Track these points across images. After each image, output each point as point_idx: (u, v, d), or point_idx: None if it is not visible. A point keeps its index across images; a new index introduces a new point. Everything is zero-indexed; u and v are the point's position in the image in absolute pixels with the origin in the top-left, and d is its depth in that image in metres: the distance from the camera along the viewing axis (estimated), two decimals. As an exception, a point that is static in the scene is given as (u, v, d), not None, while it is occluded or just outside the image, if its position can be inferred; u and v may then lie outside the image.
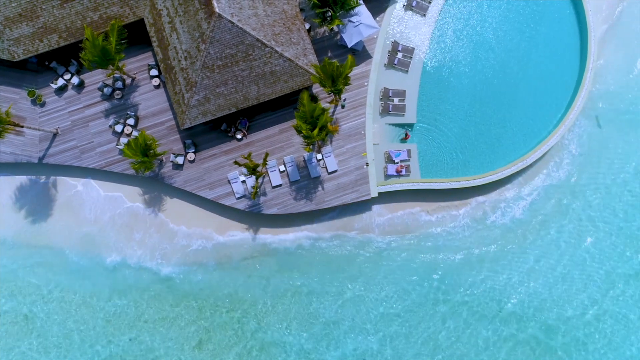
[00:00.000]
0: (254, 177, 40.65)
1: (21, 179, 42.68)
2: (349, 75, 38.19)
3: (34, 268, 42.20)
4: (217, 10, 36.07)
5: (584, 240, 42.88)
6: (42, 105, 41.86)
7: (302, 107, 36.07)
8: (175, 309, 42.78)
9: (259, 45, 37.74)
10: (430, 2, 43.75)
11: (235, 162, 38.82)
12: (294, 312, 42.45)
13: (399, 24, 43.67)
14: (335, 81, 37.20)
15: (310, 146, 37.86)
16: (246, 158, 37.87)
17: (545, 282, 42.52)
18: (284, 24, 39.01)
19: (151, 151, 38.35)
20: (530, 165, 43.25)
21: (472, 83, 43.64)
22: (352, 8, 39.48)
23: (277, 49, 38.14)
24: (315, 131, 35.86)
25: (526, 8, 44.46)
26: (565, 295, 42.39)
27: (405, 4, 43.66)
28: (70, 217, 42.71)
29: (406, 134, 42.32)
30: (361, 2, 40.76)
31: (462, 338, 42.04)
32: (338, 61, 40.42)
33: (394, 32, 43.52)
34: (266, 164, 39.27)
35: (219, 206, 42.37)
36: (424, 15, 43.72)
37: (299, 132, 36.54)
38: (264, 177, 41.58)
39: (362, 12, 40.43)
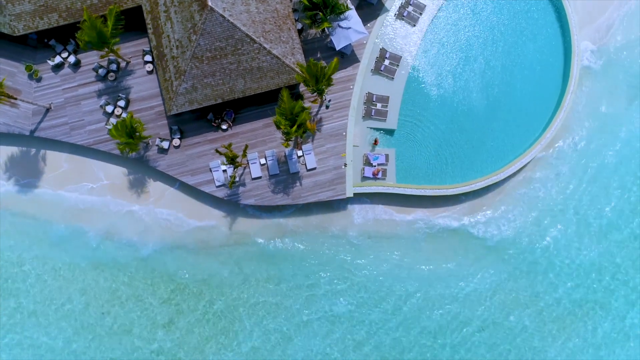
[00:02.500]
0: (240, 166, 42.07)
1: (12, 149, 44.23)
2: (332, 77, 39.56)
3: (16, 236, 43.63)
4: (209, 3, 37.53)
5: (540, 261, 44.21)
6: (38, 80, 43.42)
7: (282, 103, 37.44)
8: (149, 287, 44.17)
9: (248, 40, 39.16)
10: (421, 14, 44.98)
11: (216, 151, 40.23)
12: (262, 301, 43.79)
13: (389, 31, 44.95)
14: (319, 81, 38.56)
15: (289, 142, 39.19)
16: (226, 148, 39.25)
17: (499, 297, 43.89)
18: (275, 22, 40.39)
19: (137, 134, 39.82)
20: (504, 180, 44.35)
21: (455, 96, 44.87)
22: (342, 12, 40.80)
23: (265, 45, 39.54)
24: (294, 128, 37.22)
25: (515, 28, 45.58)
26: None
27: (397, 13, 44.92)
28: (56, 191, 44.15)
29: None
30: (352, 7, 42.07)
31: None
32: (325, 63, 41.78)
33: (383, 39, 44.81)
34: (246, 155, 40.68)
35: (200, 193, 43.77)
36: (414, 25, 44.97)
37: (278, 127, 37.93)
38: (244, 168, 42.99)
39: (352, 17, 41.74)
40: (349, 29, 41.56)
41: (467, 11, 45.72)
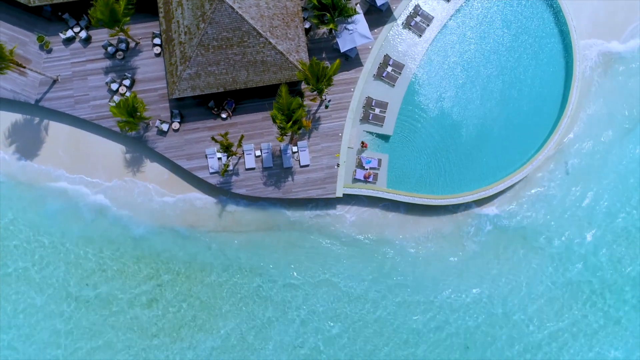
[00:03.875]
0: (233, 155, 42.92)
1: (16, 117, 45.28)
2: (333, 77, 40.34)
3: (9, 201, 44.68)
4: (220, -6, 38.45)
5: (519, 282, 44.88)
6: (49, 51, 44.46)
7: (280, 98, 38.26)
8: (135, 265, 45.09)
9: (255, 34, 40.03)
10: (428, 25, 45.65)
11: (212, 138, 41.10)
12: (242, 288, 44.66)
13: (394, 39, 45.64)
14: (319, 81, 39.35)
15: (284, 137, 40.02)
16: (222, 136, 40.11)
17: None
18: (283, 19, 41.23)
19: (137, 113, 40.76)
20: (493, 196, 44.97)
21: (453, 109, 45.53)
22: (350, 15, 41.56)
23: (271, 40, 40.39)
24: (289, 123, 38.04)
25: (520, 47, 46.16)
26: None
27: (404, 22, 45.61)
28: (55, 162, 45.17)
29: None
30: (360, 11, 42.84)
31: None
32: (328, 63, 42.56)
33: (388, 46, 45.50)
34: (241, 145, 41.54)
35: (194, 178, 44.65)
36: (420, 36, 45.65)
37: (274, 121, 38.73)
38: (239, 158, 43.84)
39: (360, 21, 42.50)
40: (355, 32, 42.34)
41: (474, 26, 46.36)
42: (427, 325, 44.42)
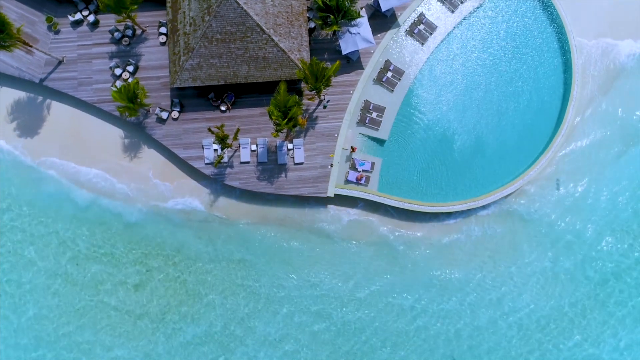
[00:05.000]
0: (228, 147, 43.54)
1: (20, 94, 46.06)
2: (332, 78, 40.91)
3: (7, 177, 45.45)
4: (226, -12, 39.08)
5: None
6: (56, 32, 45.22)
7: (278, 95, 38.87)
8: (126, 247, 45.66)
9: (258, 30, 40.65)
10: (431, 34, 46.16)
11: (209, 130, 41.73)
12: (228, 280, 45.28)
13: (397, 45, 46.17)
14: (318, 80, 39.94)
15: (279, 133, 40.61)
16: (218, 128, 40.74)
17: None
18: (287, 17, 41.83)
19: (138, 100, 41.46)
20: (481, 207, 45.44)
21: (449, 119, 46.03)
22: (354, 19, 42.11)
23: (274, 37, 41.01)
24: (285, 120, 38.64)
25: (520, 63, 46.61)
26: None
27: (408, 29, 46.13)
28: (54, 142, 45.90)
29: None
30: (364, 15, 43.38)
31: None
32: (328, 64, 43.13)
33: (390, 52, 46.03)
34: (237, 138, 42.15)
35: (189, 168, 45.31)
36: (423, 44, 46.15)
37: (270, 116, 39.35)
38: (235, 151, 44.47)
39: (363, 25, 43.07)
40: (358, 35, 42.90)
41: (477, 38, 46.85)
42: (409, 326, 44.98)
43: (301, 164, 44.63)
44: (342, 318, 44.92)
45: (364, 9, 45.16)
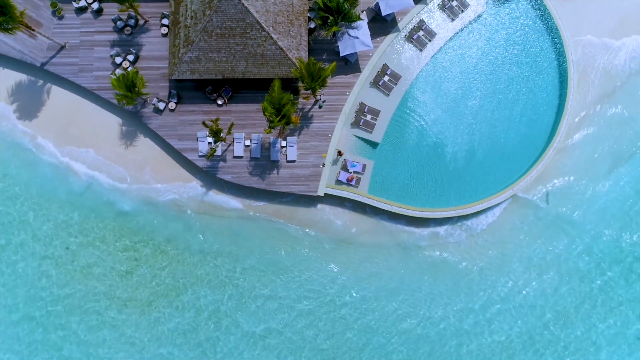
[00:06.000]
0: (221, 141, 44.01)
1: (21, 77, 46.70)
2: (328, 79, 41.35)
3: (4, 158, 46.07)
4: (228, -16, 39.56)
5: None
6: (60, 18, 45.81)
7: (272, 92, 39.34)
8: (116, 234, 46.26)
9: (258, 27, 41.14)
10: (430, 40, 46.53)
11: (203, 123, 42.22)
12: (218, 273, 45.75)
13: (396, 50, 46.58)
14: (314, 80, 40.38)
15: (272, 130, 41.08)
16: (212, 121, 41.23)
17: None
18: (287, 16, 42.29)
19: (135, 89, 41.98)
20: (467, 216, 45.80)
21: (443, 126, 46.40)
22: (353, 21, 42.53)
23: (273, 35, 41.48)
24: (278, 117, 39.10)
25: (517, 75, 46.94)
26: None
27: (407, 34, 46.52)
28: (51, 126, 46.49)
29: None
30: (364, 18, 43.79)
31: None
32: (326, 64, 43.59)
33: (388, 56, 46.42)
34: (230, 133, 42.63)
35: (183, 159, 45.82)
36: (421, 50, 46.54)
37: (264, 113, 39.81)
38: (229, 145, 44.95)
39: (362, 28, 43.48)
40: (356, 38, 43.31)
41: (475, 47, 47.21)
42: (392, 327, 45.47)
43: (293, 161, 45.07)
44: (326, 315, 45.31)
45: (364, 12, 45.60)
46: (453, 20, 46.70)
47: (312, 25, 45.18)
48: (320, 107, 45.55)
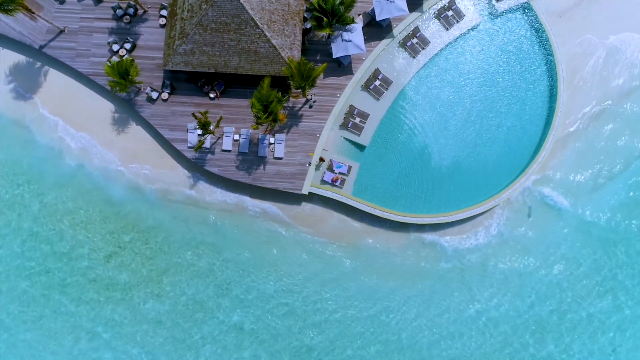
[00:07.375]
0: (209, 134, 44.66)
1: (19, 58, 47.47)
2: (318, 80, 41.91)
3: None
4: (225, -20, 40.21)
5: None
6: (61, 2, 46.57)
7: (261, 89, 39.95)
8: (102, 217, 46.93)
9: (252, 24, 41.75)
10: (424, 48, 47.04)
11: (193, 115, 42.86)
12: (200, 263, 46.41)
13: (388, 55, 47.10)
14: (303, 80, 40.97)
15: (259, 126, 41.68)
16: (202, 114, 41.87)
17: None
18: (283, 15, 42.89)
19: (129, 77, 42.67)
20: (450, 224, 46.29)
21: (430, 133, 46.90)
22: (347, 24, 43.09)
23: (267, 33, 42.08)
24: (265, 114, 39.72)
25: (508, 84, 47.41)
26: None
27: (401, 41, 47.03)
28: (45, 108, 47.25)
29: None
30: (358, 22, 44.33)
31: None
32: (319, 65, 44.17)
33: (380, 61, 46.95)
34: (219, 126, 43.25)
35: (172, 149, 46.47)
36: (414, 57, 47.04)
37: (252, 108, 40.44)
38: (218, 138, 45.58)
39: (356, 31, 44.04)
40: (350, 41, 43.85)
41: (467, 57, 47.68)
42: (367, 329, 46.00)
43: (280, 159, 45.67)
44: (304, 313, 45.91)
45: (361, 16, 46.15)
46: (448, 29, 47.20)
47: (308, 26, 45.74)
48: (310, 106, 46.13)
